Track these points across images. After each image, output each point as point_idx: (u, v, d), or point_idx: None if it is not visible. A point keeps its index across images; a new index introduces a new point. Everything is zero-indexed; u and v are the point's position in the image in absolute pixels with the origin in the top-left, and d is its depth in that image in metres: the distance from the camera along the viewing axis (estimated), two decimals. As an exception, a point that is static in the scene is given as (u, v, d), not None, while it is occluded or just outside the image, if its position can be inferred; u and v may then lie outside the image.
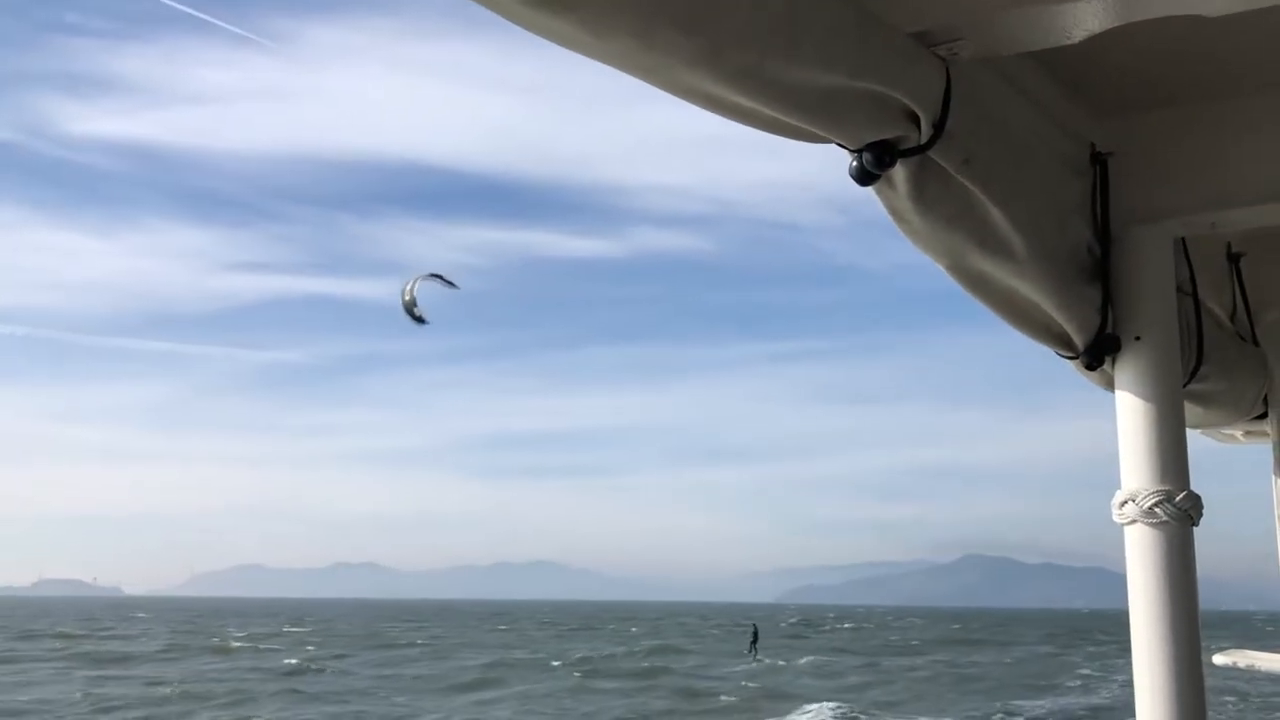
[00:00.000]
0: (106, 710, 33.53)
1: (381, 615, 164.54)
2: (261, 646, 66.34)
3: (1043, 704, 35.55)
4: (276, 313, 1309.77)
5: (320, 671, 48.01)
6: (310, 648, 66.91)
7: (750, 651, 56.74)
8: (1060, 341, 2.31)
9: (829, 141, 1.72)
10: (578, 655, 59.22)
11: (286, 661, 52.78)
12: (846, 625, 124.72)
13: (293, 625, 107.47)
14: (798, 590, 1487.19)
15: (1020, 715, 32.99)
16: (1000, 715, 32.72)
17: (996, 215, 1.95)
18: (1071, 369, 2.39)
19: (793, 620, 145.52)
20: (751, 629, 61.92)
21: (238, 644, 68.34)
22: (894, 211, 1.87)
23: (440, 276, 14.88)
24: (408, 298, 14.45)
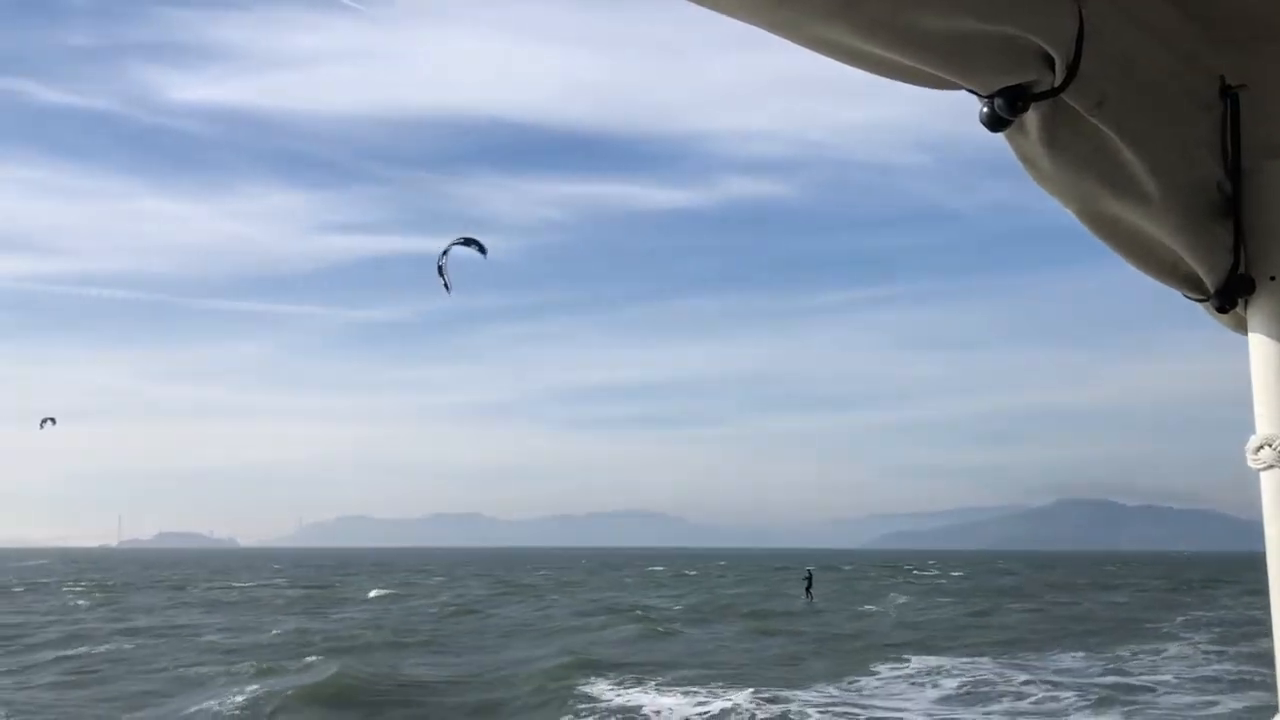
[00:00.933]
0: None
1: (498, 562, 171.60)
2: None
3: (1168, 647, 37.37)
4: (369, 271, 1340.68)
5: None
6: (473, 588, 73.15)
7: (807, 596, 59.57)
8: (1189, 284, 2.24)
9: (960, 88, 1.74)
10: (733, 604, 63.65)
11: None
12: (954, 571, 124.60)
13: (437, 574, 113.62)
14: (889, 536, 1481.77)
15: (1151, 653, 34.97)
16: (1131, 653, 34.36)
17: (1128, 156, 1.96)
18: (1178, 309, 2.35)
19: (906, 566, 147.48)
20: (807, 574, 64.64)
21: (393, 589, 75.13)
22: (1024, 157, 1.90)
23: (475, 241, 19.80)
24: (441, 262, 19.93)
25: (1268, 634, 2.30)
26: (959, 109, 1.77)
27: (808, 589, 60.57)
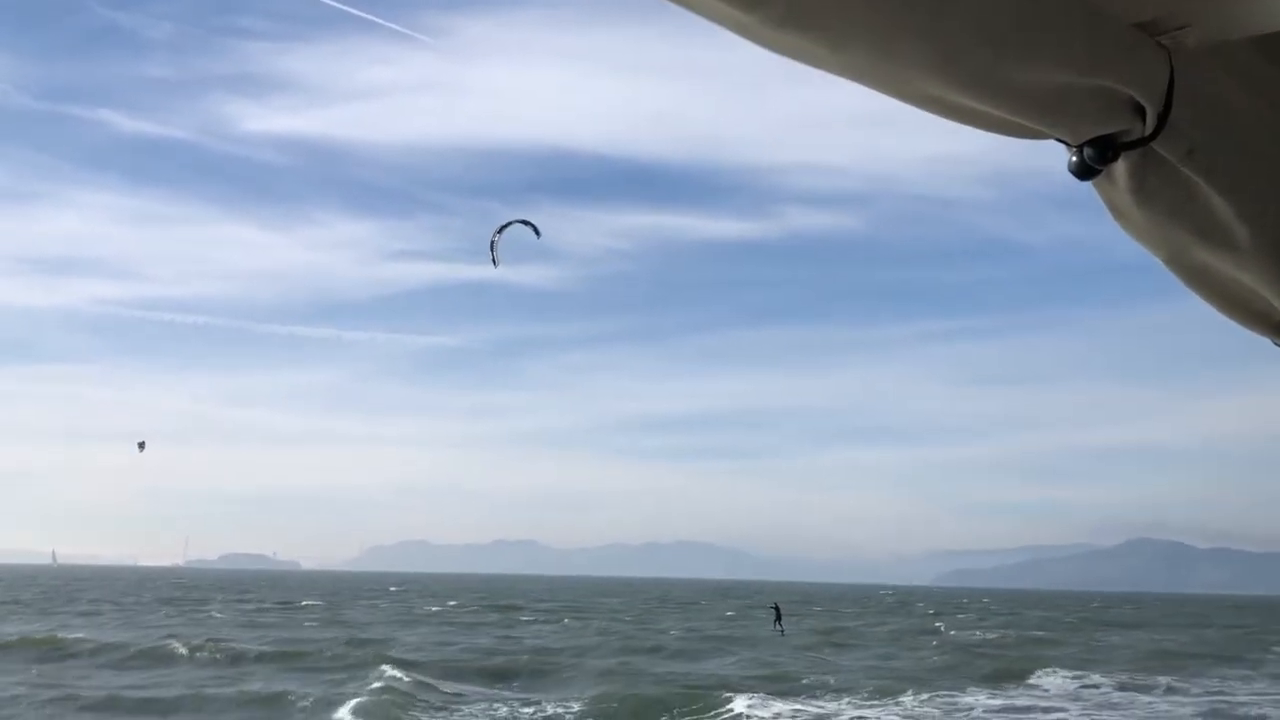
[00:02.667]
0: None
1: (581, 590, 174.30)
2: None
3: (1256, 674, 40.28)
4: (434, 299, 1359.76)
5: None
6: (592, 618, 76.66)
7: (775, 627, 61.96)
8: (1278, 331, 2.20)
9: (1048, 137, 1.76)
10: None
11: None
12: (1036, 611, 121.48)
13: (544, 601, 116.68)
14: (951, 574, 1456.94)
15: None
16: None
17: (1220, 204, 1.94)
18: (1255, 345, 2.32)
19: (980, 601, 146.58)
20: (774, 607, 67.45)
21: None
22: (1113, 206, 1.90)
23: (530, 223, 23.20)
24: (494, 237, 23.34)
25: None
26: (1029, 144, 1.79)
27: (776, 620, 63.39)
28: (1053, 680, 36.95)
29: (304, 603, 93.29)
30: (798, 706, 28.22)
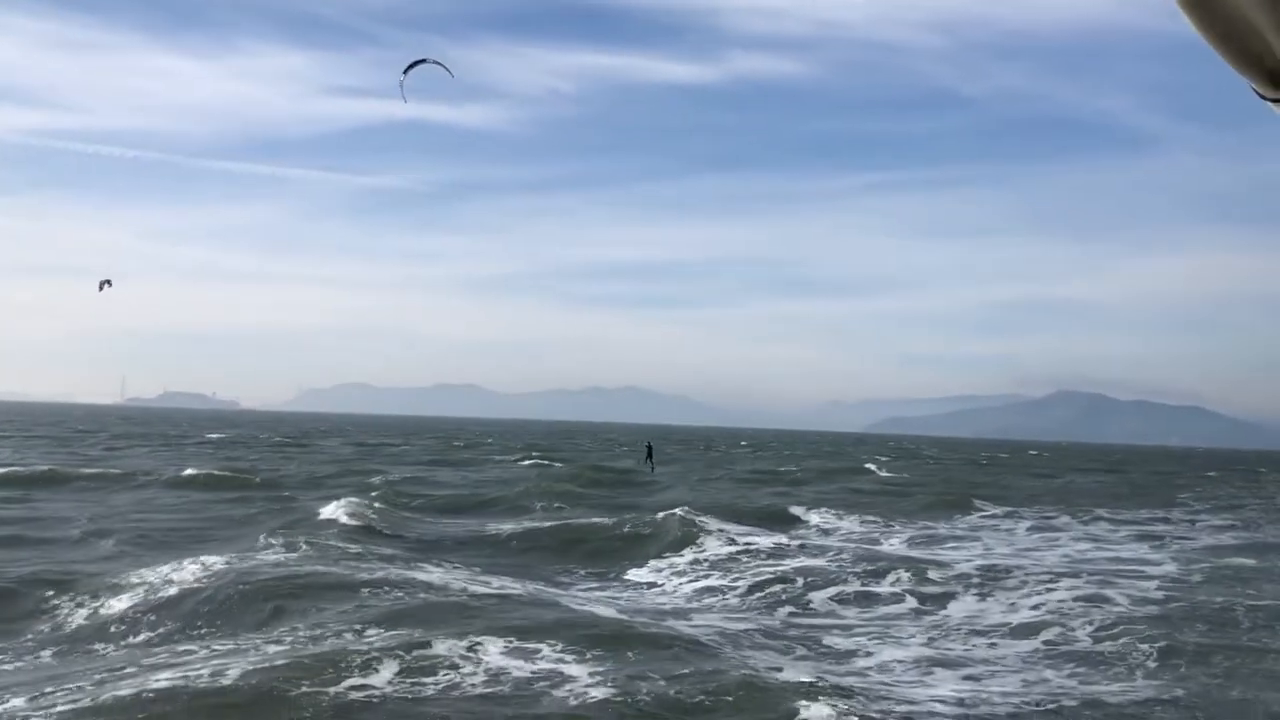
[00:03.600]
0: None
1: (524, 430, 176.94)
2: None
3: (1173, 513, 42.67)
4: (375, 138, 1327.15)
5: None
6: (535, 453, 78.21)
7: (646, 463, 65.32)
8: (1271, 79, 1.92)
9: None
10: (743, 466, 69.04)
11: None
12: (954, 456, 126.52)
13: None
14: (883, 422, 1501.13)
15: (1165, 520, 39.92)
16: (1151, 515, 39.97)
17: None
18: (1193, 207, 2.37)
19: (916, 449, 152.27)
20: (647, 446, 72.95)
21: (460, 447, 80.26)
22: None
23: (441, 64, 23.44)
24: (403, 75, 23.66)
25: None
26: None
27: (648, 457, 66.97)
28: (990, 512, 38.83)
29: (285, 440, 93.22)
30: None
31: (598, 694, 11.38)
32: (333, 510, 28.49)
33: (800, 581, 20.32)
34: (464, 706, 10.93)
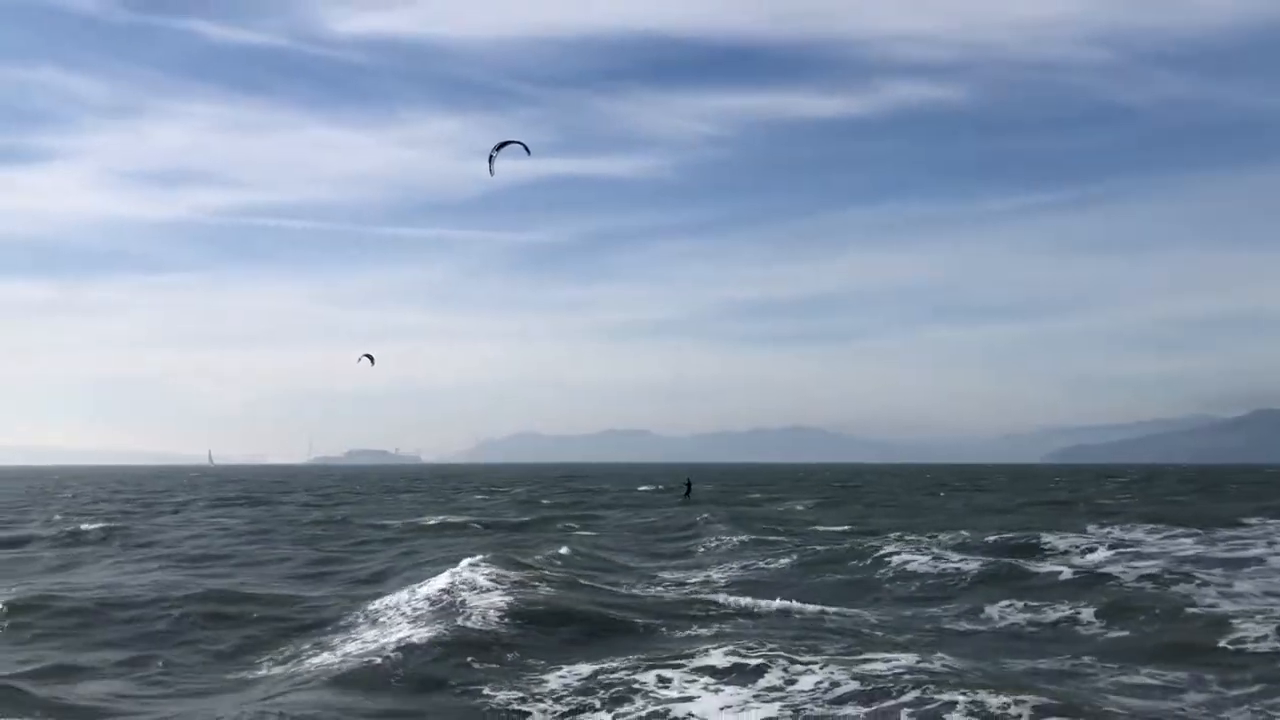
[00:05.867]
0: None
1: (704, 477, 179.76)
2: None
3: None
4: (531, 194, 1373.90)
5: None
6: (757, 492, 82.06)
7: (684, 499, 67.36)
8: None
9: None
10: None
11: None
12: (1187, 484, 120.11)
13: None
14: (1065, 451, 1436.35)
15: None
16: None
17: None
18: None
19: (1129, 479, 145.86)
20: (686, 482, 77.52)
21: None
22: None
23: (522, 144, 27.96)
24: (492, 153, 28.71)
25: None
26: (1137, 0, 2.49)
27: (686, 493, 70.52)
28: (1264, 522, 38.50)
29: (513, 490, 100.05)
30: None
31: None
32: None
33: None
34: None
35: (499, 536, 38.15)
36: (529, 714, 12.08)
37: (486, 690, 13.04)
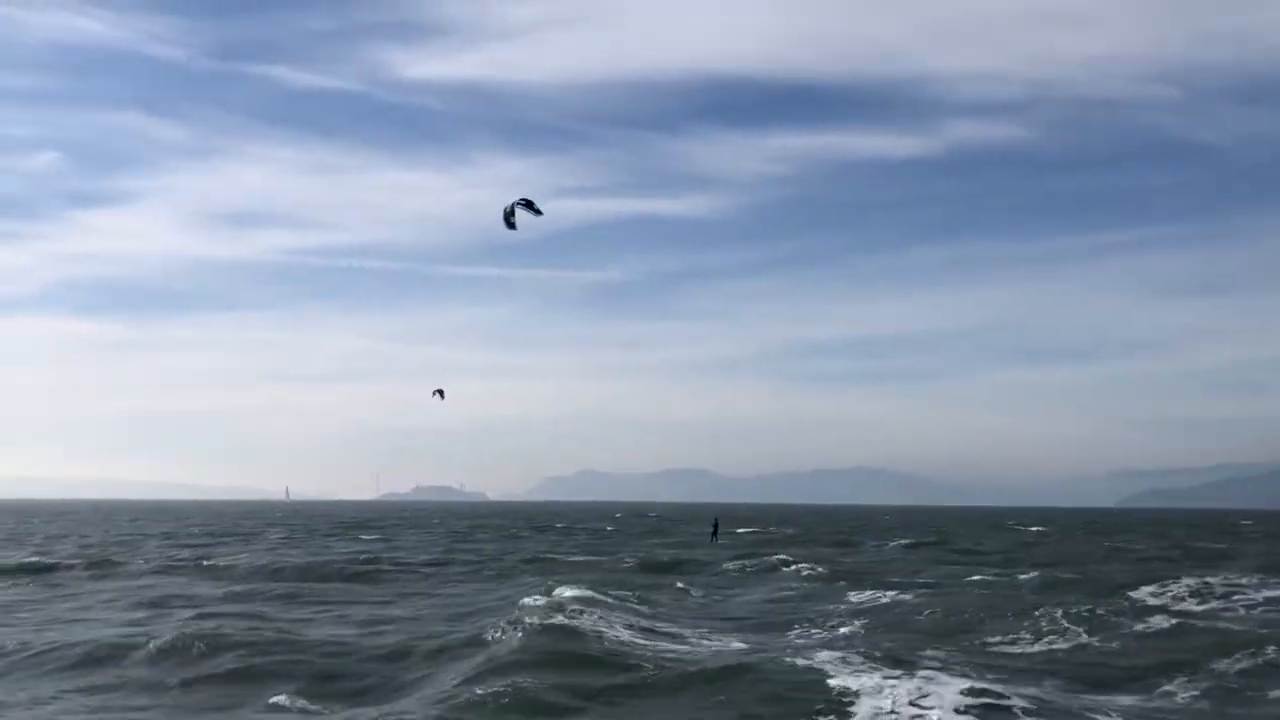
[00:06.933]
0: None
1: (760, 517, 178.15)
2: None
3: None
4: (595, 233, 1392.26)
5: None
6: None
7: (712, 540, 68.09)
8: None
9: None
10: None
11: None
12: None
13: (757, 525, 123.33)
14: (1139, 495, 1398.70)
15: None
16: None
17: None
18: None
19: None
20: (714, 522, 77.77)
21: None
22: None
23: (531, 204, 28.95)
24: (508, 210, 29.75)
25: None
26: (1199, 33, 2.73)
27: (714, 534, 71.25)
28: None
29: (608, 528, 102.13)
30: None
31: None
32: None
33: None
34: None
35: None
36: None
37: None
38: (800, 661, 18.10)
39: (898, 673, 16.77)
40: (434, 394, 48.61)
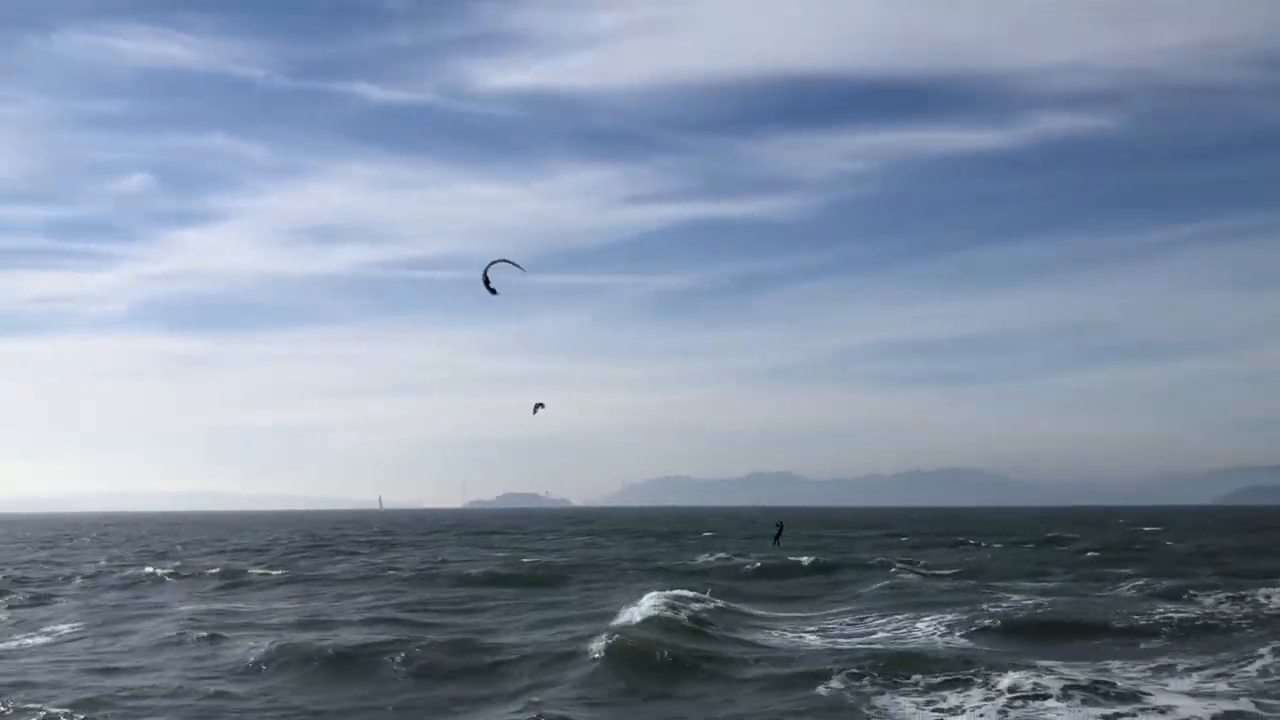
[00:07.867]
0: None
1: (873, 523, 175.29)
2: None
3: None
4: (669, 239, 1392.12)
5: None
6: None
7: (775, 543, 70.05)
8: None
9: None
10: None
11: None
12: None
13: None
14: (1241, 492, 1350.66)
15: None
16: None
17: None
18: None
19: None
20: (778, 525, 78.27)
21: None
22: None
23: (511, 261, 28.31)
24: (486, 275, 28.87)
25: None
26: None
27: (777, 537, 73.32)
28: None
29: (705, 533, 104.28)
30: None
31: None
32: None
33: None
34: None
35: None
36: None
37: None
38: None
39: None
40: (535, 408, 51.66)
